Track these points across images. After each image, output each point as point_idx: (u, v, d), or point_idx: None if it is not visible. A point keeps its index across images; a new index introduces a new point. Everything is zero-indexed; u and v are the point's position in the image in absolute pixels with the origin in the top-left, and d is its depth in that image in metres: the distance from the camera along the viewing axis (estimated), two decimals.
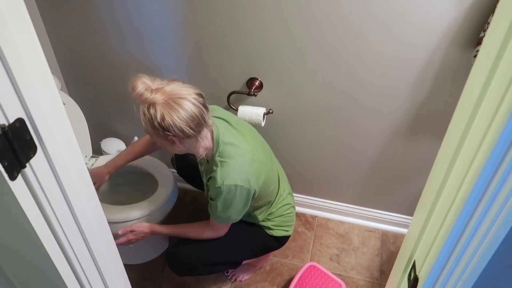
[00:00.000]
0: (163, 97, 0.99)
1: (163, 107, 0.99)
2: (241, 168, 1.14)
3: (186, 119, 1.01)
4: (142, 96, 0.98)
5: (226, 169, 1.12)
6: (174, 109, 1.00)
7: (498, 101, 0.43)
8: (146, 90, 0.98)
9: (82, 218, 0.63)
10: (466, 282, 0.52)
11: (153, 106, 1.00)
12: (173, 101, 1.00)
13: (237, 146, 1.16)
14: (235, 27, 1.38)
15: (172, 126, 1.01)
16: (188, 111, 1.01)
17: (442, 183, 0.60)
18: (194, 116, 1.03)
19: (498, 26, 0.45)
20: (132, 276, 1.63)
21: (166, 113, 0.99)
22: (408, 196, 1.71)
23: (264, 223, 1.38)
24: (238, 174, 1.12)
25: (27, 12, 0.47)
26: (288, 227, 1.44)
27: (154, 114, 1.00)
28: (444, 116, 1.39)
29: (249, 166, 1.16)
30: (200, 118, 1.04)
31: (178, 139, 1.06)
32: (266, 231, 1.39)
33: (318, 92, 1.47)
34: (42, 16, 1.58)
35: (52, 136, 0.53)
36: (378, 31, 1.25)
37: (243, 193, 1.14)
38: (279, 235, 1.41)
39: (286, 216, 1.42)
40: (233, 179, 1.11)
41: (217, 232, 1.29)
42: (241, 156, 1.15)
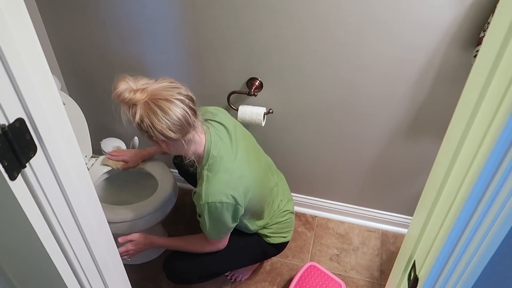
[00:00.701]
0: (143, 98, 0.95)
1: (143, 109, 0.96)
2: (227, 185, 1.09)
3: (166, 122, 0.97)
4: (121, 96, 0.95)
5: (212, 185, 1.08)
6: (153, 111, 0.96)
7: (498, 101, 0.43)
8: (125, 90, 0.96)
9: (82, 218, 0.63)
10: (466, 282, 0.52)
11: (134, 107, 0.96)
12: (153, 103, 0.96)
13: (227, 161, 1.12)
14: (235, 27, 1.38)
15: (152, 128, 0.97)
16: (169, 113, 0.96)
17: (442, 183, 0.60)
18: (176, 119, 0.98)
19: (498, 26, 0.45)
20: (132, 276, 1.63)
21: (145, 115, 0.96)
22: (408, 196, 1.71)
23: (261, 231, 1.37)
24: (223, 191, 1.08)
25: (27, 12, 0.47)
26: (286, 233, 1.42)
27: (133, 115, 0.97)
28: (444, 116, 1.39)
29: (236, 183, 1.11)
30: (183, 121, 0.99)
31: (164, 142, 1.03)
32: (264, 239, 1.38)
33: (318, 92, 1.47)
34: (42, 16, 1.58)
35: (52, 136, 0.53)
36: (378, 31, 1.25)
37: (229, 209, 1.11)
38: (277, 242, 1.39)
39: (284, 223, 1.40)
40: (218, 196, 1.07)
41: (217, 246, 1.27)
42: (228, 172, 1.10)
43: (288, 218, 1.42)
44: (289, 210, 1.43)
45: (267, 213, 1.36)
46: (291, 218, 1.44)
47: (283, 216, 1.40)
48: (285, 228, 1.41)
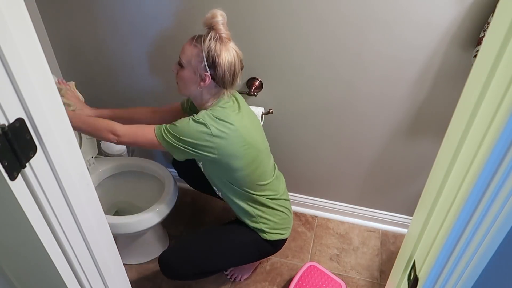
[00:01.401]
0: (228, 40, 1.11)
1: (224, 47, 1.10)
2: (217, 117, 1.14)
3: (231, 68, 1.12)
4: (219, 25, 1.08)
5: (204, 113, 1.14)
6: (230, 54, 1.11)
7: (498, 101, 0.43)
8: (222, 24, 1.09)
9: (82, 218, 0.63)
10: (466, 282, 0.52)
11: (219, 40, 1.09)
12: (232, 48, 1.12)
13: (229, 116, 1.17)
14: (235, 27, 1.38)
15: (220, 65, 1.10)
16: (235, 64, 1.13)
17: (442, 183, 0.60)
18: (236, 71, 1.14)
19: (498, 26, 0.45)
20: (132, 276, 1.63)
21: (224, 53, 1.10)
22: (408, 196, 1.71)
23: (257, 225, 1.35)
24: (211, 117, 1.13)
25: (27, 12, 0.47)
26: (284, 230, 1.41)
27: (216, 46, 1.09)
28: (444, 116, 1.39)
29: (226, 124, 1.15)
30: (237, 76, 1.15)
31: (211, 81, 1.13)
32: (261, 235, 1.36)
33: (318, 92, 1.47)
34: (42, 16, 1.58)
35: (52, 136, 0.53)
36: (378, 31, 1.25)
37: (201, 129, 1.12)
38: (274, 238, 1.38)
39: (281, 218, 1.39)
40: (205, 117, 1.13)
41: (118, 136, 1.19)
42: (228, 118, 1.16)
43: (285, 216, 1.41)
44: (287, 207, 1.42)
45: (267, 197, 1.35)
46: (288, 216, 1.42)
47: (280, 211, 1.38)
48: (282, 224, 1.40)
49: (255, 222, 1.35)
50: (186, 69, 1.15)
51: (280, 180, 1.45)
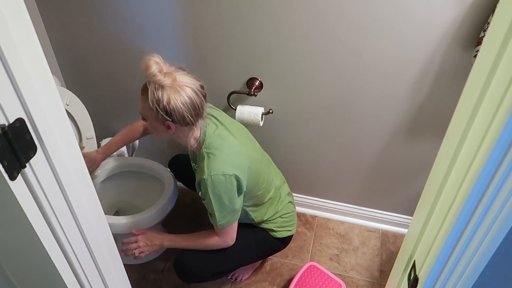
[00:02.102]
0: (171, 81, 1.03)
1: (170, 91, 1.03)
2: (228, 158, 1.14)
3: (188, 107, 1.06)
4: (155, 76, 1.02)
5: (213, 160, 1.12)
6: (180, 95, 1.04)
7: (498, 101, 0.43)
8: (159, 71, 1.02)
9: (82, 218, 0.63)
10: (466, 282, 0.52)
11: (162, 88, 1.03)
12: (180, 87, 1.04)
13: (224, 139, 1.18)
14: (235, 27, 1.38)
15: (175, 111, 1.05)
16: (192, 99, 1.06)
17: (442, 183, 0.60)
18: (196, 105, 1.07)
19: (498, 26, 0.45)
20: (132, 276, 1.63)
21: (173, 97, 1.03)
22: (408, 196, 1.71)
23: (267, 225, 1.38)
24: (226, 164, 1.12)
25: (27, 12, 0.47)
26: (291, 227, 1.45)
27: (162, 96, 1.03)
28: (444, 116, 1.39)
29: (235, 156, 1.16)
30: (200, 108, 1.09)
31: (175, 125, 1.10)
32: (270, 234, 1.40)
33: (318, 92, 1.47)
34: (42, 16, 1.58)
35: (52, 136, 0.53)
36: (379, 30, 1.25)
37: (232, 182, 1.13)
38: (283, 236, 1.42)
39: (287, 216, 1.42)
40: (220, 168, 1.11)
41: (225, 240, 1.26)
42: (227, 147, 1.16)
43: (291, 212, 1.45)
44: (291, 202, 1.46)
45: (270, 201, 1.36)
46: (293, 211, 1.47)
47: (286, 210, 1.42)
48: (289, 221, 1.44)
49: (264, 223, 1.38)
50: (149, 120, 1.13)
51: (279, 177, 1.46)
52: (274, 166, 1.47)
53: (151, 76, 1.02)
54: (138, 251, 1.29)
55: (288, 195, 1.47)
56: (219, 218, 1.18)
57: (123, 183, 1.68)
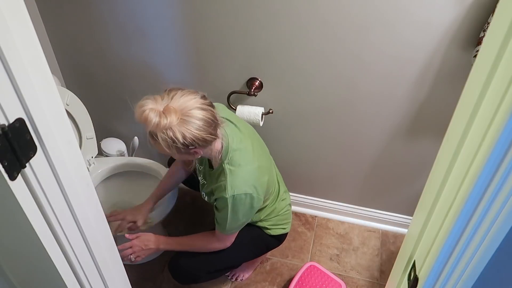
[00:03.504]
0: (176, 117, 0.95)
1: (180, 126, 0.96)
2: (250, 176, 1.13)
3: (204, 128, 0.99)
4: (160, 125, 0.94)
5: (236, 177, 1.11)
6: (190, 123, 0.97)
7: (498, 101, 0.43)
8: (158, 117, 0.94)
9: (82, 218, 0.63)
10: (466, 282, 0.52)
11: (170, 129, 0.95)
12: (186, 116, 0.96)
13: (245, 152, 1.16)
14: (235, 27, 1.38)
15: (195, 140, 0.99)
16: (203, 119, 0.99)
17: (442, 183, 0.60)
18: (210, 121, 1.01)
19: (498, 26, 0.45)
20: (132, 276, 1.63)
21: (185, 130, 0.96)
22: (408, 196, 1.71)
23: (261, 224, 1.38)
24: (247, 182, 1.12)
25: (27, 12, 0.47)
26: (285, 225, 1.45)
27: (175, 136, 0.96)
28: (444, 116, 1.39)
29: (257, 173, 1.16)
30: (214, 120, 1.03)
31: (201, 148, 1.05)
32: (265, 231, 1.39)
33: (318, 92, 1.47)
34: (42, 16, 1.58)
35: (52, 136, 0.53)
36: (379, 30, 1.25)
37: (251, 201, 1.14)
38: (277, 233, 1.41)
39: (282, 214, 1.42)
40: (243, 188, 1.11)
41: (224, 244, 1.27)
42: (249, 164, 1.15)
43: (287, 210, 1.45)
44: (287, 200, 1.46)
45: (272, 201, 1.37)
46: (289, 210, 1.47)
47: (282, 208, 1.42)
48: (284, 220, 1.43)
49: (259, 221, 1.37)
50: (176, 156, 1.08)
51: (279, 176, 1.46)
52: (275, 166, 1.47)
53: (155, 127, 0.95)
54: (133, 256, 1.27)
55: (285, 193, 1.46)
56: (228, 228, 1.19)
57: (123, 183, 1.68)
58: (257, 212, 1.33)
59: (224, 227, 1.18)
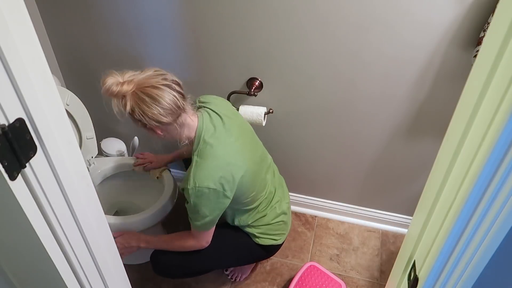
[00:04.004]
0: (130, 88, 1.00)
1: (132, 99, 1.01)
2: (215, 171, 1.10)
3: (156, 107, 1.01)
4: (109, 90, 1.00)
5: (200, 170, 1.09)
6: (142, 99, 1.01)
7: (498, 101, 0.43)
8: (113, 84, 1.00)
9: (82, 218, 0.63)
10: (466, 282, 0.52)
11: (123, 98, 1.01)
12: (141, 91, 1.00)
13: (217, 148, 1.12)
14: (235, 27, 1.38)
15: (143, 116, 1.02)
16: (157, 99, 1.01)
17: (442, 183, 0.60)
18: (165, 104, 1.02)
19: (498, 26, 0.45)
20: (132, 276, 1.63)
21: (135, 104, 1.01)
22: (408, 196, 1.71)
23: (249, 230, 1.34)
24: (212, 177, 1.09)
25: (27, 12, 0.47)
26: (278, 236, 1.38)
27: (124, 106, 1.02)
28: (444, 116, 1.39)
29: (224, 170, 1.11)
30: (172, 105, 1.04)
31: (158, 127, 1.07)
32: (252, 239, 1.35)
33: (318, 92, 1.47)
34: (42, 16, 1.58)
35: (52, 136, 0.53)
36: (379, 30, 1.25)
37: (217, 197, 1.11)
38: (266, 243, 1.35)
39: (275, 224, 1.36)
40: (206, 182, 1.08)
41: (200, 242, 1.25)
42: (216, 159, 1.11)
43: (281, 221, 1.37)
44: (283, 211, 1.39)
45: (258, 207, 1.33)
46: (284, 221, 1.39)
47: (275, 218, 1.36)
48: (276, 230, 1.37)
49: (247, 227, 1.34)
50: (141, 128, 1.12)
51: (275, 181, 1.41)
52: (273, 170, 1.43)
53: (106, 91, 1.00)
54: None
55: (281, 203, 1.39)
56: (197, 223, 1.17)
57: (123, 183, 1.68)
58: (245, 213, 1.31)
59: (194, 221, 1.17)
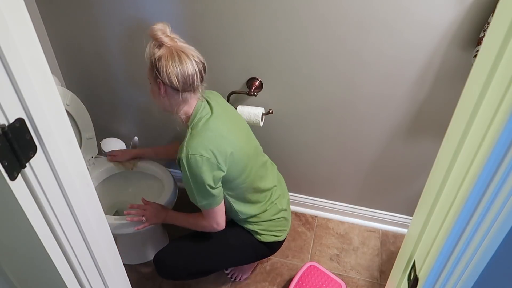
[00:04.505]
0: (170, 43, 1.10)
1: (165, 51, 1.09)
2: (208, 140, 1.13)
3: (177, 70, 1.09)
4: (155, 32, 1.09)
5: (193, 139, 1.13)
6: (173, 57, 1.09)
7: (498, 101, 0.43)
8: (160, 30, 1.09)
9: (82, 218, 0.63)
10: (466, 282, 0.52)
11: (160, 47, 1.10)
12: (176, 51, 1.09)
13: (211, 122, 1.18)
14: (235, 27, 1.38)
15: (163, 69, 1.09)
16: (183, 65, 1.10)
17: (442, 183, 0.60)
18: (185, 73, 1.10)
19: (498, 26, 0.45)
20: (132, 276, 1.63)
21: (164, 56, 1.09)
22: (408, 196, 1.71)
23: (251, 227, 1.34)
24: (203, 145, 1.12)
25: (27, 12, 0.47)
26: (279, 232, 1.39)
27: (156, 51, 1.10)
28: (444, 116, 1.39)
29: (217, 140, 1.15)
30: (190, 78, 1.12)
31: (164, 86, 1.13)
32: (255, 236, 1.35)
33: (318, 92, 1.47)
34: (42, 16, 1.58)
35: (52, 136, 0.53)
36: (379, 30, 1.25)
37: (209, 165, 1.12)
38: (268, 240, 1.36)
39: (276, 220, 1.37)
40: (198, 149, 1.11)
41: (210, 223, 1.25)
42: (210, 130, 1.16)
43: (281, 217, 1.39)
44: (283, 208, 1.40)
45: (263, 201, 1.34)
46: (284, 217, 1.41)
47: (275, 214, 1.37)
48: (277, 226, 1.39)
49: (249, 224, 1.35)
50: (150, 83, 1.18)
51: (278, 181, 1.43)
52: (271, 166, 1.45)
53: (152, 32, 1.09)
54: (144, 218, 1.35)
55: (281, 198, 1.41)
56: (198, 199, 1.18)
57: (123, 183, 1.68)
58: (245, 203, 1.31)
59: (198, 202, 1.18)
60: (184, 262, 1.32)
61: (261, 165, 1.36)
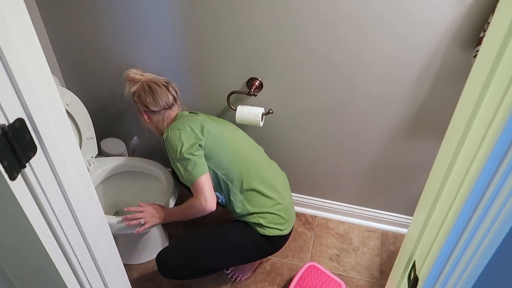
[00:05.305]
0: (141, 79, 1.38)
1: (139, 85, 1.37)
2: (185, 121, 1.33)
3: (150, 96, 1.35)
4: (129, 74, 1.40)
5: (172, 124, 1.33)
6: (144, 87, 1.36)
7: (498, 101, 0.43)
8: (133, 72, 1.40)
9: (82, 218, 0.63)
10: (466, 282, 0.52)
11: (134, 84, 1.39)
12: (146, 84, 1.37)
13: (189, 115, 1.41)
14: (235, 27, 1.38)
15: (140, 99, 1.36)
16: (153, 92, 1.35)
17: (442, 183, 0.60)
18: (156, 97, 1.35)
19: (498, 26, 0.45)
20: (132, 276, 1.63)
21: (138, 90, 1.37)
22: (408, 196, 1.71)
23: (255, 219, 1.34)
24: (181, 124, 1.31)
25: (27, 12, 0.48)
26: (282, 226, 1.38)
27: (131, 88, 1.39)
28: (444, 116, 1.39)
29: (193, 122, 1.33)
30: (162, 100, 1.36)
31: (146, 113, 1.39)
32: (258, 230, 1.34)
33: (318, 92, 1.47)
34: (42, 16, 1.58)
35: (52, 136, 0.53)
36: (378, 30, 1.25)
37: (187, 135, 1.28)
38: (272, 234, 1.36)
39: (276, 212, 1.37)
40: (176, 126, 1.31)
41: (199, 199, 1.27)
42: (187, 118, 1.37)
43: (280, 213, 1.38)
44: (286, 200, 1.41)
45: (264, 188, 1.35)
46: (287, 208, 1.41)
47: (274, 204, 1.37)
48: (280, 219, 1.38)
49: (253, 217, 1.35)
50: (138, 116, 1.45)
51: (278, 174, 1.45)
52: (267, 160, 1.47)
53: (126, 75, 1.40)
54: (143, 220, 1.37)
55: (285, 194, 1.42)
56: (184, 172, 1.28)
57: (123, 183, 1.68)
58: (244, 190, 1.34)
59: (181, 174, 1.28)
60: (187, 261, 1.32)
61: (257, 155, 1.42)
